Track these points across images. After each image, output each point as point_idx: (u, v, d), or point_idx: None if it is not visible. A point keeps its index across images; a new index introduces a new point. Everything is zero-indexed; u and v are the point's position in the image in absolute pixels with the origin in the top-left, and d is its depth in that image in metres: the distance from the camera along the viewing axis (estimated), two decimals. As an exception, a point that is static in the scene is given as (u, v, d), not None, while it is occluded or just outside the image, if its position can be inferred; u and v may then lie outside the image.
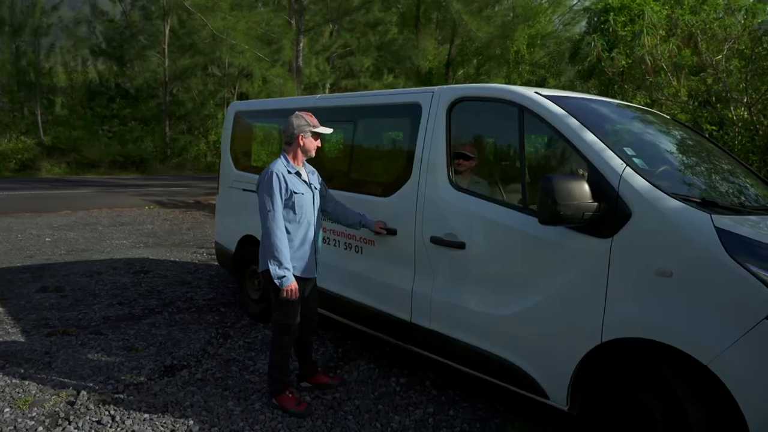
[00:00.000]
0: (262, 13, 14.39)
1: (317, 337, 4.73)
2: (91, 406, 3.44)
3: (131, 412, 3.39)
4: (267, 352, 4.38)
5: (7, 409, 3.37)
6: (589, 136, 2.83)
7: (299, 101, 4.80)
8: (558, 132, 2.93)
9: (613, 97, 12.35)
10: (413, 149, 3.65)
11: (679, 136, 3.67)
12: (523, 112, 3.10)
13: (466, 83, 2.99)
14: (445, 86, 3.61)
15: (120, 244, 8.79)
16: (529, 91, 3.15)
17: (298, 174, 3.42)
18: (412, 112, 3.73)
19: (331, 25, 20.59)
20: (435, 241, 3.43)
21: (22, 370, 3.91)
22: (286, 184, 3.31)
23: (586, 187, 2.64)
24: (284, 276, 3.26)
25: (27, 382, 3.73)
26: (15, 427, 3.18)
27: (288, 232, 3.35)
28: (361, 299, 3.98)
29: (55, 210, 12.20)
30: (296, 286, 3.32)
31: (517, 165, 3.60)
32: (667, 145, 3.47)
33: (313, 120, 3.46)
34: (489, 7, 17.08)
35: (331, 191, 3.82)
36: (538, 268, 2.98)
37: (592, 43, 8.27)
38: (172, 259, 7.80)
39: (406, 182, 3.65)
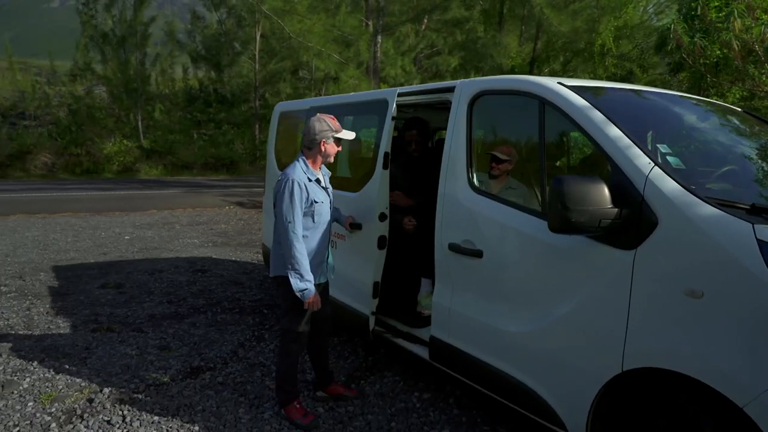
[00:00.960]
0: (339, 15, 14.45)
1: (350, 344, 4.57)
2: (108, 405, 3.47)
3: (143, 413, 3.37)
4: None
5: (31, 403, 3.46)
6: (614, 131, 2.46)
7: (337, 99, 4.65)
8: (579, 126, 2.58)
9: (705, 91, 11.26)
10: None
11: (745, 132, 3.16)
12: (544, 105, 2.76)
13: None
14: (468, 79, 3.32)
15: (190, 242, 9.09)
16: (551, 82, 2.80)
17: (317, 181, 3.25)
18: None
19: (417, 25, 20.46)
20: (453, 248, 3.15)
21: (58, 364, 4.03)
22: (308, 193, 3.14)
23: (604, 190, 2.27)
24: (306, 288, 3.10)
25: (58, 377, 3.84)
26: (31, 422, 3.25)
27: (306, 240, 3.19)
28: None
29: (142, 209, 12.90)
30: (318, 297, 3.17)
31: (554, 164, 3.26)
32: (724, 142, 2.98)
33: (336, 124, 3.27)
34: (576, 1, 16.21)
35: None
36: (554, 281, 2.64)
37: (671, 27, 7.47)
38: (233, 258, 7.94)
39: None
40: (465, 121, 3.20)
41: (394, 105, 3.71)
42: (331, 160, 3.35)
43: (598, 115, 2.53)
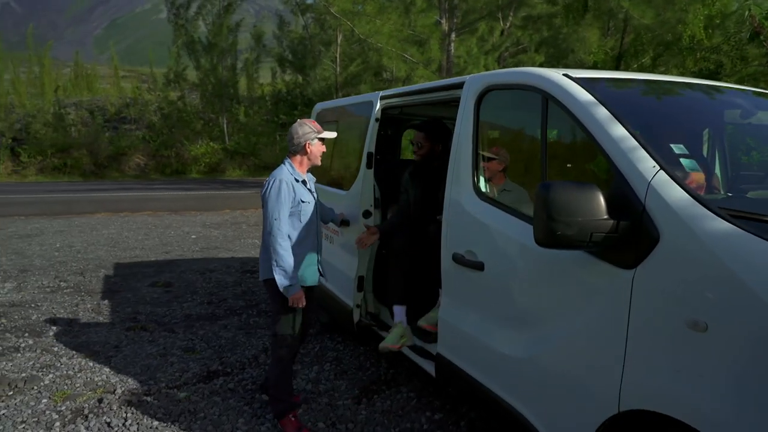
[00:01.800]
0: (410, 14, 14.25)
1: (373, 355, 4.37)
2: (114, 406, 3.48)
3: (144, 417, 3.35)
4: (315, 366, 4.15)
5: (45, 400, 3.54)
6: (618, 131, 2.10)
7: (366, 96, 4.47)
8: (580, 124, 2.24)
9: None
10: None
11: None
12: (547, 100, 2.43)
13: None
14: (477, 74, 3.02)
15: (250, 243, 9.24)
16: (555, 74, 2.47)
17: (303, 182, 3.25)
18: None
19: (502, 24, 19.88)
20: (456, 259, 2.88)
21: (83, 362, 4.13)
22: (294, 192, 3.15)
23: (597, 197, 1.93)
24: (290, 285, 3.07)
25: (79, 375, 3.92)
26: (38, 419, 3.31)
27: (293, 240, 3.16)
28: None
29: (217, 209, 13.35)
30: (302, 294, 3.13)
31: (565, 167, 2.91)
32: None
33: (317, 126, 3.29)
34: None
35: None
36: (550, 301, 2.31)
37: (747, 12, 6.65)
38: (286, 259, 7.95)
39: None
40: (472, 119, 2.92)
41: (378, 106, 3.91)
42: (318, 161, 3.33)
43: (602, 112, 2.19)
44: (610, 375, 2.00)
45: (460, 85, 3.10)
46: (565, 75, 2.45)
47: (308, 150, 3.24)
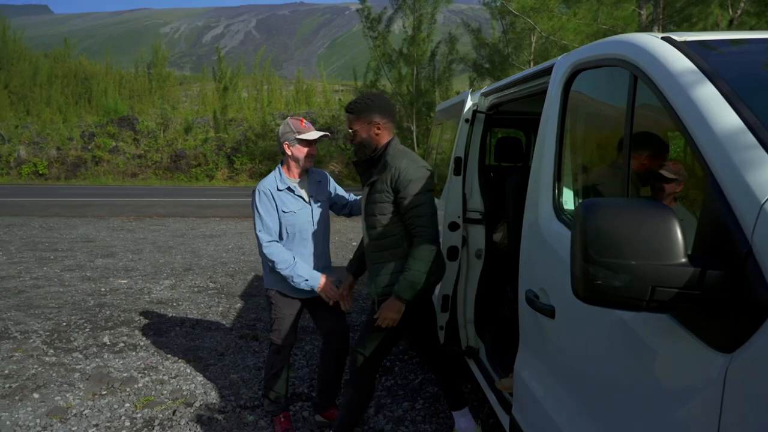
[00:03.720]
0: (600, 6, 12.77)
1: (477, 397, 3.71)
2: (183, 421, 3.35)
3: (202, 439, 3.17)
4: (406, 402, 3.64)
5: (127, 405, 3.55)
6: (727, 118, 1.28)
7: (461, 95, 3.85)
8: (670, 106, 1.44)
9: None
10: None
11: None
12: (636, 78, 1.64)
13: None
14: (569, 53, 2.26)
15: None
16: (649, 38, 1.66)
17: (290, 189, 3.03)
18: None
19: (730, 11, 17.11)
20: (528, 299, 2.16)
21: (182, 368, 4.13)
22: (274, 201, 2.98)
23: (669, 228, 1.15)
24: (307, 280, 3.00)
25: (171, 381, 3.91)
26: (111, 424, 3.30)
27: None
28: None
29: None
30: (326, 283, 3.05)
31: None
32: None
33: (301, 125, 2.99)
34: None
35: None
36: (625, 378, 1.53)
37: None
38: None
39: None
40: (557, 112, 2.17)
41: (468, 105, 3.41)
42: (304, 163, 3.04)
43: (709, 91, 1.36)
44: None
45: (550, 70, 2.36)
46: (666, 38, 1.64)
47: (288, 152, 3.00)
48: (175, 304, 5.82)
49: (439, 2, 24.75)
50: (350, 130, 2.70)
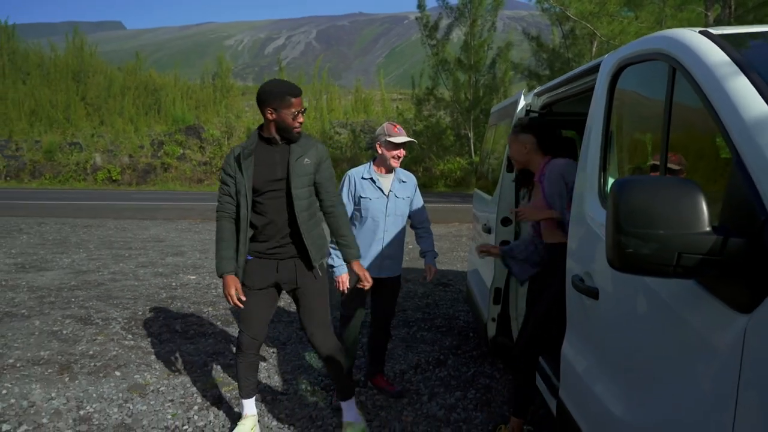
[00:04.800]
0: (664, 8, 12.49)
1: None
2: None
3: (269, 415, 3.40)
4: (458, 391, 3.77)
5: (198, 384, 3.85)
6: (755, 104, 1.39)
7: (515, 96, 3.96)
8: (705, 97, 1.55)
9: None
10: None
11: None
12: (674, 70, 1.75)
13: None
14: (616, 50, 2.37)
15: (460, 256, 9.07)
16: (687, 32, 1.76)
17: (372, 180, 3.49)
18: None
19: None
20: (574, 283, 2.28)
21: (248, 354, 4.41)
22: (354, 186, 3.48)
23: (694, 201, 1.28)
24: (333, 267, 3.38)
25: (239, 366, 4.19)
26: (184, 400, 3.58)
27: (356, 229, 3.49)
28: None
29: (447, 221, 13.53)
30: (345, 278, 3.36)
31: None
32: None
33: (393, 130, 3.44)
34: None
35: None
36: (662, 350, 1.63)
37: None
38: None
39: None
40: (603, 106, 2.29)
41: (521, 105, 3.69)
42: (390, 164, 3.47)
43: (741, 83, 1.47)
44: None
45: (598, 67, 2.48)
46: (703, 32, 1.74)
47: (379, 151, 3.49)
48: (239, 298, 6.15)
49: (500, 5, 24.61)
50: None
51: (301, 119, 2.84)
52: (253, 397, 3.19)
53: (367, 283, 3.14)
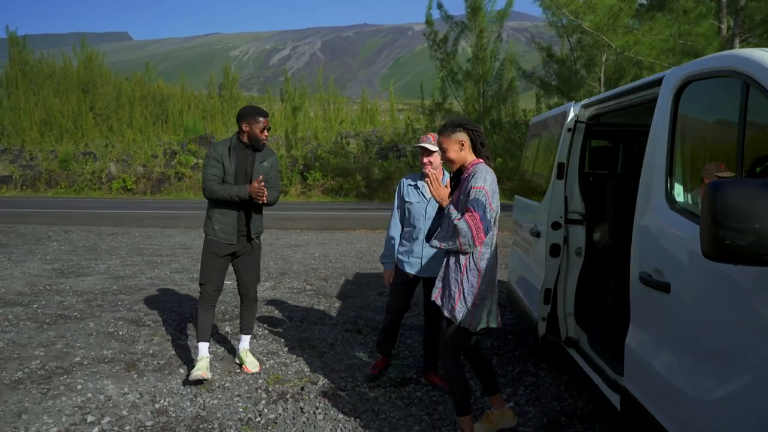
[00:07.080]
0: (680, 21, 12.72)
1: (574, 386, 3.99)
2: (312, 395, 3.80)
3: (332, 410, 3.58)
4: (508, 387, 3.96)
5: (260, 380, 4.05)
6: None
7: (563, 107, 4.18)
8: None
9: None
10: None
11: None
12: (748, 86, 1.97)
13: None
14: (679, 66, 2.59)
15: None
16: (761, 53, 1.98)
17: (416, 186, 3.94)
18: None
19: None
20: (642, 279, 2.49)
21: (300, 353, 4.62)
22: (401, 191, 4.00)
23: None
24: (383, 263, 4.12)
25: (294, 364, 4.40)
26: (251, 395, 3.79)
27: (403, 229, 4.03)
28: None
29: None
30: (389, 273, 4.07)
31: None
32: None
33: (424, 138, 3.82)
34: None
35: None
36: (748, 330, 1.84)
37: None
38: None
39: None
40: (668, 118, 2.51)
41: (571, 116, 3.85)
42: (423, 168, 3.80)
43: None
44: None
45: (659, 82, 2.70)
46: (775, 52, 1.96)
47: (420, 159, 3.88)
48: (279, 302, 6.37)
49: (505, 16, 24.86)
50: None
51: (266, 134, 4.04)
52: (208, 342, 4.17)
53: None
